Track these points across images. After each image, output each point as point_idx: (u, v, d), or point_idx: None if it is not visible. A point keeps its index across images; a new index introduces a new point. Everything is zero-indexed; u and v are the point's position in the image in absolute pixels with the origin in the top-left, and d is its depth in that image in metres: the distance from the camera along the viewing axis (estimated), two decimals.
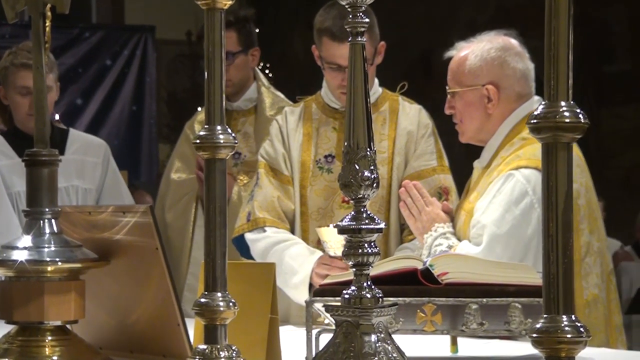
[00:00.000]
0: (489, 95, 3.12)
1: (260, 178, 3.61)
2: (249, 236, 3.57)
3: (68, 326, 2.17)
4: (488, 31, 3.25)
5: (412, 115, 3.61)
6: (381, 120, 3.59)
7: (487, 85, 3.13)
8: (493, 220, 2.96)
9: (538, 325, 1.25)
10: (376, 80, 3.67)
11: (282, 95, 4.36)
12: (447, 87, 3.22)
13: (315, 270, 3.34)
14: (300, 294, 3.37)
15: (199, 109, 4.67)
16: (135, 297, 2.27)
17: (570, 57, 1.25)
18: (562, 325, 1.24)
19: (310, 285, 3.33)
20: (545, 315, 1.25)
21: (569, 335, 1.23)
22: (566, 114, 1.24)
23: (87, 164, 4.02)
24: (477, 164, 3.22)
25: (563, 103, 1.25)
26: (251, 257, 3.65)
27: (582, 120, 1.25)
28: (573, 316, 1.24)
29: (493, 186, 3.01)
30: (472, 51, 3.16)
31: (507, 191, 2.98)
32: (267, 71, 4.49)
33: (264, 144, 3.69)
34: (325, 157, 3.56)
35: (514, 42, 3.18)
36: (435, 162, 3.57)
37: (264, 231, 3.54)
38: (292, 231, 3.57)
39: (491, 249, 2.92)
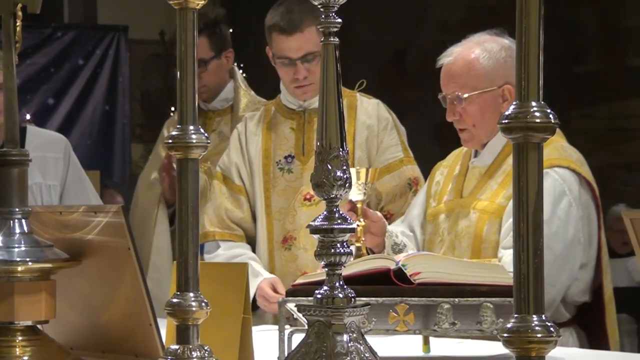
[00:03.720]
0: (503, 94, 3.08)
1: (211, 190, 3.74)
2: (206, 250, 3.67)
3: (39, 326, 2.16)
4: (480, 32, 3.17)
5: (370, 110, 3.64)
6: None
7: (504, 86, 3.08)
8: (544, 221, 2.89)
9: (509, 325, 1.25)
10: None
11: (260, 98, 4.37)
12: (457, 94, 3.10)
13: (258, 293, 3.42)
14: None
15: (173, 109, 4.66)
16: (107, 297, 2.26)
17: (541, 57, 1.25)
18: (533, 325, 1.24)
19: (255, 307, 3.40)
20: (515, 315, 1.25)
21: (539, 335, 1.24)
22: (537, 114, 1.25)
23: (48, 160, 3.98)
24: (478, 163, 3.15)
25: (534, 103, 1.25)
26: None
27: (553, 121, 1.26)
28: (543, 316, 1.25)
29: None
30: (481, 53, 3.09)
31: (548, 190, 2.91)
32: (241, 71, 4.49)
33: (225, 152, 3.77)
34: (285, 157, 3.60)
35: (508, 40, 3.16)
36: (402, 154, 3.61)
37: (218, 246, 3.65)
38: (254, 233, 3.65)
39: (548, 249, 2.85)
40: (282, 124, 3.65)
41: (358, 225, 2.87)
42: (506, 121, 1.26)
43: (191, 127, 1.69)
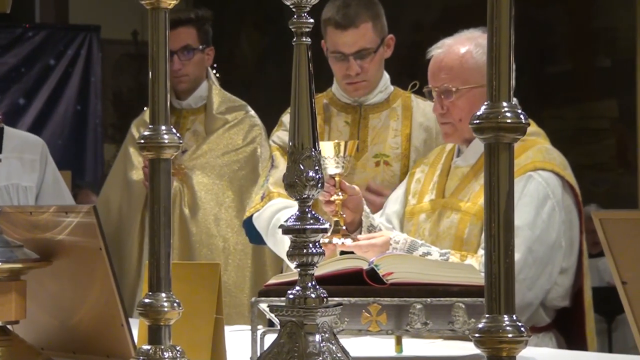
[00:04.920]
0: None
1: (275, 159, 3.61)
2: (256, 214, 3.52)
3: (9, 327, 2.15)
4: (472, 29, 3.10)
5: (427, 111, 3.56)
6: (394, 117, 3.61)
7: None
8: (527, 224, 2.90)
9: (480, 325, 1.26)
10: (387, 77, 3.67)
11: (233, 96, 4.38)
12: (447, 86, 3.04)
13: None
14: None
15: (145, 108, 4.65)
16: (78, 297, 2.25)
17: (512, 57, 1.26)
18: (504, 325, 1.25)
19: None
20: (487, 315, 1.26)
21: (510, 335, 1.24)
22: (508, 114, 1.25)
23: (25, 161, 3.98)
24: (461, 163, 3.11)
25: (505, 104, 1.26)
26: (261, 241, 3.59)
27: (523, 121, 1.26)
28: (514, 316, 1.25)
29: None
30: (474, 48, 3.03)
31: (532, 193, 2.93)
32: (214, 71, 4.52)
33: (277, 133, 3.69)
34: None
35: None
36: None
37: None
38: None
39: (530, 252, 2.87)
40: (336, 116, 3.62)
41: (336, 199, 2.87)
42: (477, 121, 1.26)
43: (163, 127, 1.69)
